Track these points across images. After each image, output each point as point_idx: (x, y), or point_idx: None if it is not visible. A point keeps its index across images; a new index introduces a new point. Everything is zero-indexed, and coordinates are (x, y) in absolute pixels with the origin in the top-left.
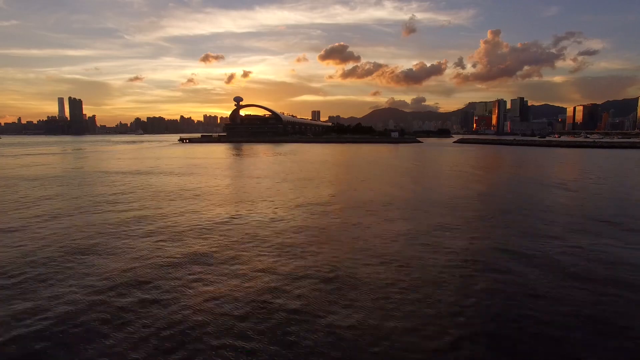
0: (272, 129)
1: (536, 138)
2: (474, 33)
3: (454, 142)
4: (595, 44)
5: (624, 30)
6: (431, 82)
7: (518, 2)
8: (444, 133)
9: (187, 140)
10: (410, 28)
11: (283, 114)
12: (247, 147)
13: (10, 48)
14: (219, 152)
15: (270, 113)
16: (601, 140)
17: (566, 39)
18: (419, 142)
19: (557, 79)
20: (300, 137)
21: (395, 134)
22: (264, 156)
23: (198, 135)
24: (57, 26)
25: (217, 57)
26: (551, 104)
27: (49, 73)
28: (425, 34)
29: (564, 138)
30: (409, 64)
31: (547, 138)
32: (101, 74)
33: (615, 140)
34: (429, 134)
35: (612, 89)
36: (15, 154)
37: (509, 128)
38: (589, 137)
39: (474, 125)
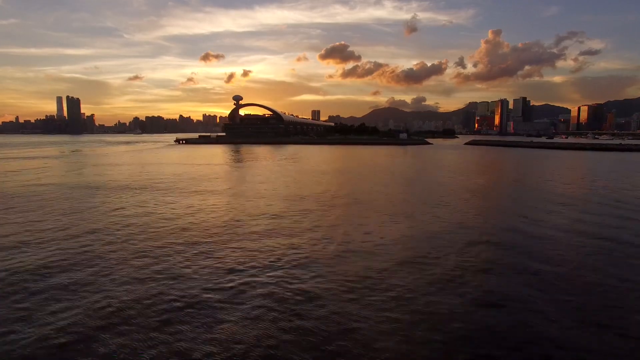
0: (273, 129)
1: (544, 139)
2: (474, 33)
3: (465, 143)
4: (594, 44)
5: (624, 30)
6: (431, 81)
7: (517, 2)
8: (448, 133)
9: (184, 142)
10: (411, 27)
11: (284, 113)
12: (248, 150)
13: (9, 47)
14: (218, 156)
15: (271, 113)
16: (630, 142)
17: (568, 38)
18: (428, 143)
19: (557, 78)
20: (303, 138)
21: (403, 135)
22: (268, 162)
23: (196, 135)
24: (56, 25)
25: (217, 56)
26: (551, 104)
27: (48, 72)
28: (425, 34)
29: (571, 139)
30: (409, 63)
31: (556, 139)
32: (101, 73)
33: (627, 142)
34: (434, 134)
35: (612, 89)
36: None
37: (512, 128)
38: (598, 138)
39: (476, 125)
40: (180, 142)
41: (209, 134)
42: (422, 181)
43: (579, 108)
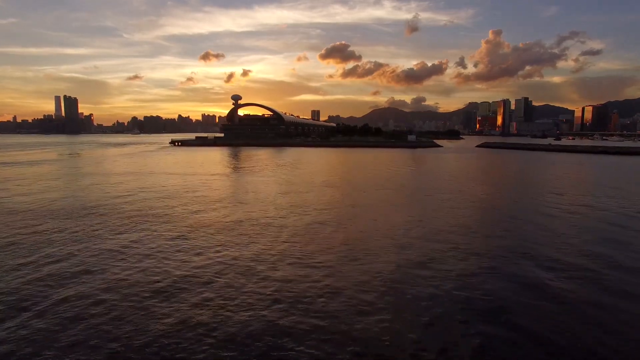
0: (274, 130)
1: (552, 140)
2: (473, 33)
3: (477, 146)
4: (594, 44)
5: (622, 30)
6: (431, 81)
7: (516, 2)
8: (453, 134)
9: (179, 143)
10: (412, 27)
11: (285, 113)
12: (248, 153)
13: (8, 46)
14: (216, 162)
15: (271, 113)
16: None
17: (570, 38)
18: (438, 145)
19: (556, 79)
20: (305, 140)
21: (412, 137)
22: (274, 172)
23: (193, 136)
24: (56, 24)
25: (217, 56)
26: (551, 104)
27: (47, 71)
28: (425, 34)
29: (577, 140)
30: (410, 63)
31: (563, 140)
32: (100, 73)
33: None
34: (438, 135)
35: (611, 90)
36: None
37: (514, 129)
38: (606, 139)
39: (477, 125)
40: (176, 144)
41: (206, 134)
42: (473, 207)
43: (583, 108)
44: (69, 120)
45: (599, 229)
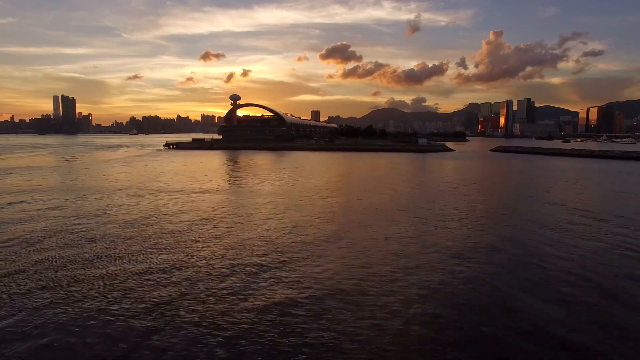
0: (274, 132)
1: (561, 142)
2: (472, 33)
3: (491, 150)
4: (595, 45)
5: (621, 32)
6: (431, 82)
7: (516, 3)
8: (460, 136)
9: (174, 146)
10: (414, 27)
11: (285, 114)
12: (246, 159)
13: (7, 45)
14: (208, 172)
15: (271, 114)
16: None
17: (572, 39)
18: (450, 149)
19: (555, 80)
20: (307, 143)
21: (422, 140)
22: (279, 185)
23: (189, 138)
24: (54, 24)
25: (216, 56)
26: (552, 105)
27: (46, 71)
28: (425, 34)
29: (586, 143)
30: (409, 64)
31: (572, 142)
32: (99, 73)
33: None
34: (444, 137)
35: (611, 91)
36: None
37: (518, 130)
38: (616, 141)
39: (479, 126)
40: (171, 146)
41: (203, 136)
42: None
43: (587, 109)
44: (66, 120)
45: None
